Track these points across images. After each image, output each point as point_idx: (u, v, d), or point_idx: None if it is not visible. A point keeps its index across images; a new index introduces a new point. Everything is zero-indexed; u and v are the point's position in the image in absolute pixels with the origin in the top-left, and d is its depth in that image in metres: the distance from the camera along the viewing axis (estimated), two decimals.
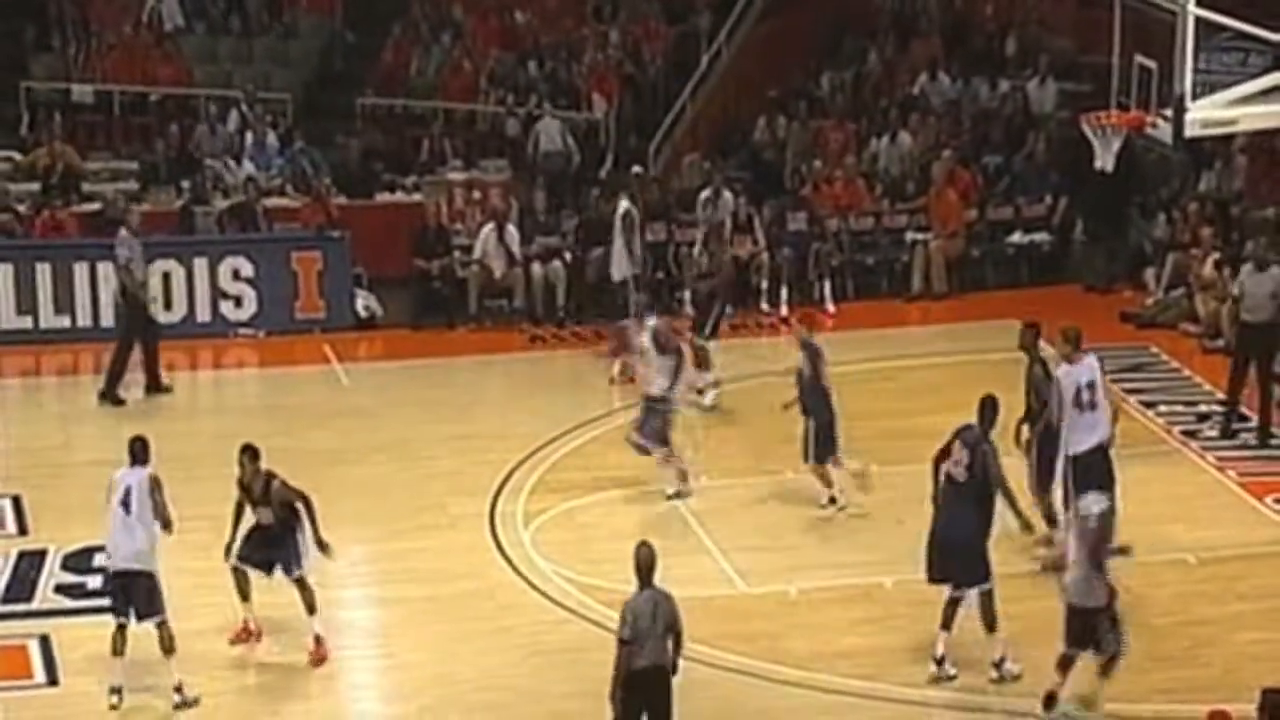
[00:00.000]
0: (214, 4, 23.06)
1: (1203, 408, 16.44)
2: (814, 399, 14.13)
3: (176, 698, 11.88)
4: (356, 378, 17.33)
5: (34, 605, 13.25)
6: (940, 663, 12.04)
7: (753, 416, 16.37)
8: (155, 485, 12.03)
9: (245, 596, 12.60)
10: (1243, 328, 16.02)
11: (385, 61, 22.66)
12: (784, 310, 19.10)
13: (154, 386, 17.06)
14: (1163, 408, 16.52)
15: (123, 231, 17.15)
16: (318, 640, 12.39)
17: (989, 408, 12.36)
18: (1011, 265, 20.29)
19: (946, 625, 12.06)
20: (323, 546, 12.35)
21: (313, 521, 12.35)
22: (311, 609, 12.39)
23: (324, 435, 15.98)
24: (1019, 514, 12.38)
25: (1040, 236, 20.37)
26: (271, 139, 20.95)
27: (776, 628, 12.79)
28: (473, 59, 22.38)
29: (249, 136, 20.94)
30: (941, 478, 12.22)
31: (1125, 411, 14.10)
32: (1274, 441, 15.67)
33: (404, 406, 16.06)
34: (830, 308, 18.34)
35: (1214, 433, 15.91)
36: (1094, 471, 12.78)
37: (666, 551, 13.66)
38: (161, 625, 11.97)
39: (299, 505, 12.37)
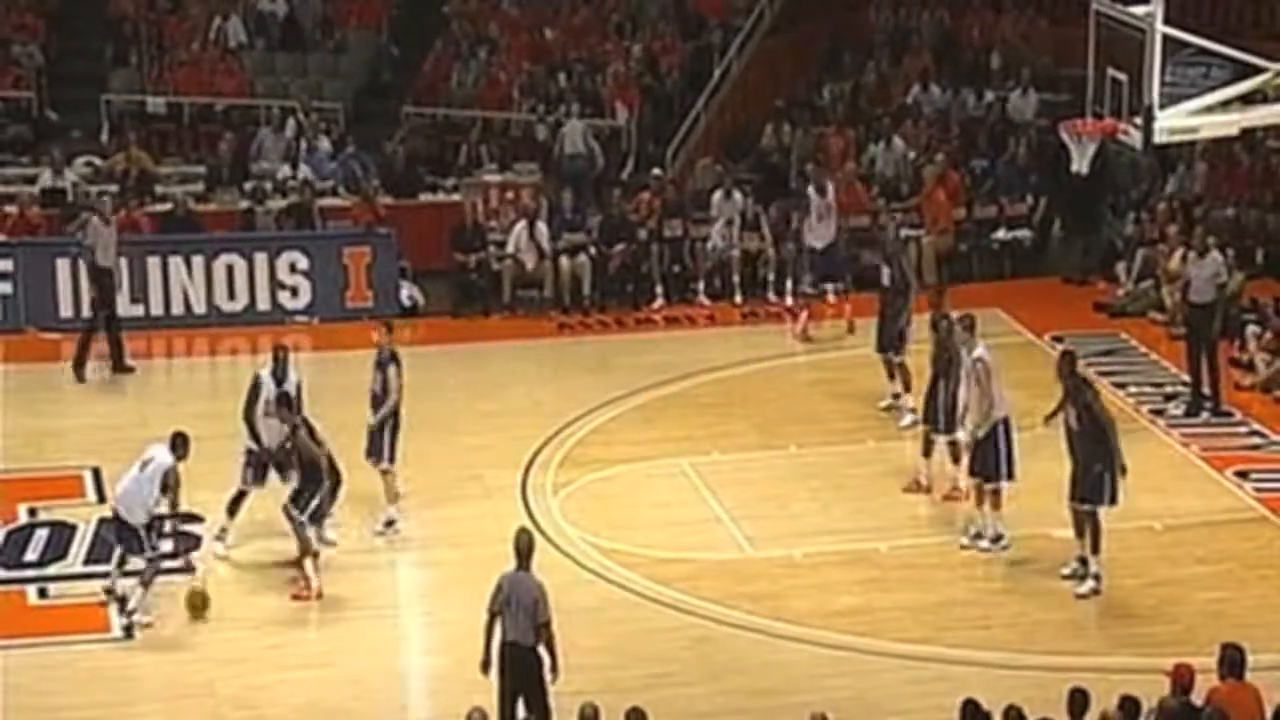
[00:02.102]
0: (273, 22, 23.04)
1: (1169, 389, 16.40)
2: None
3: (135, 619, 12.27)
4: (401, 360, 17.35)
5: (112, 566, 13.28)
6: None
7: (761, 397, 16.37)
8: (173, 477, 12.35)
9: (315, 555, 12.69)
10: (1190, 309, 16.03)
11: (427, 74, 22.62)
12: (789, 300, 19.07)
13: (120, 366, 16.91)
14: (1132, 389, 16.47)
15: (94, 219, 17.05)
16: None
17: (1067, 364, 12.75)
18: (996, 259, 20.20)
19: (1080, 534, 12.49)
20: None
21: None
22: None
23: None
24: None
25: (1022, 233, 20.27)
26: (325, 145, 20.92)
27: (781, 588, 12.80)
28: (507, 71, 22.33)
29: (304, 143, 20.91)
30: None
31: None
32: (1224, 410, 15.64)
33: (444, 387, 16.06)
34: (831, 299, 18.27)
35: (1179, 411, 15.87)
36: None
37: (682, 519, 13.87)
38: (149, 560, 12.35)
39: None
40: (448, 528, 13.86)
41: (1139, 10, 12.37)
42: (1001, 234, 20.27)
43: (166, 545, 12.85)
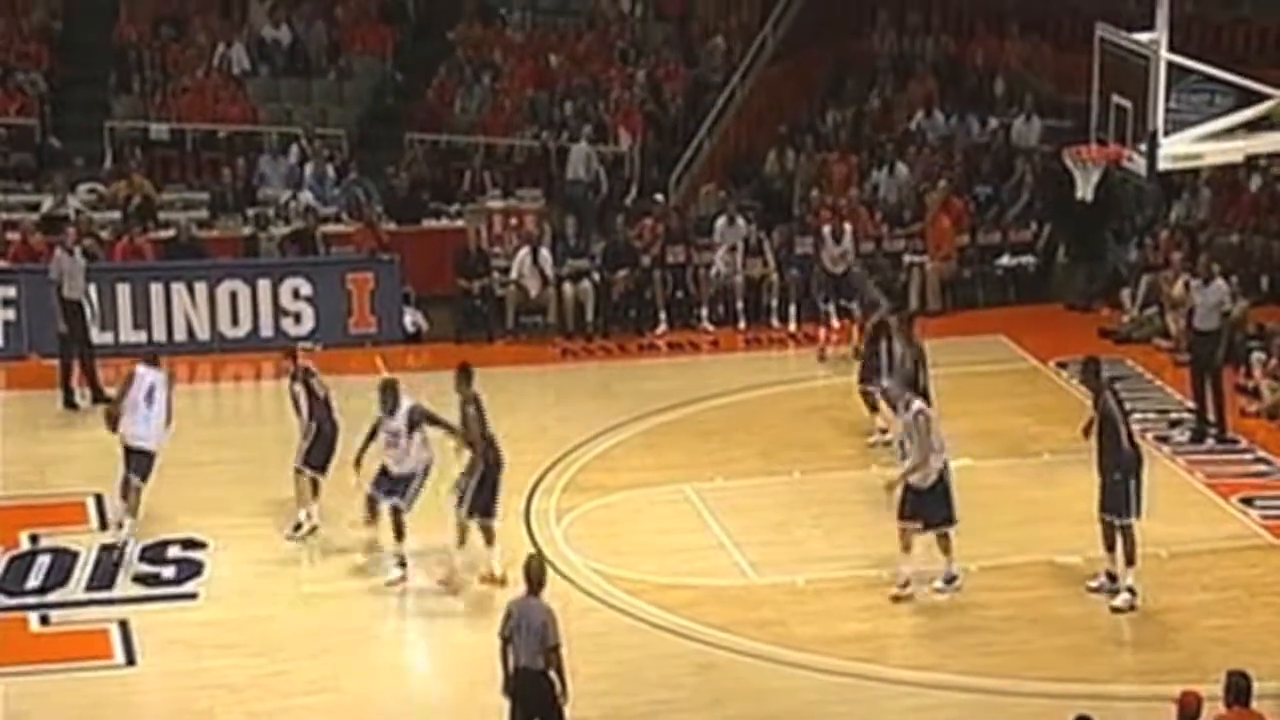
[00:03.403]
0: (277, 49, 23.17)
1: (1174, 416, 16.43)
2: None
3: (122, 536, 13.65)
4: (405, 386, 17.38)
5: (114, 593, 13.32)
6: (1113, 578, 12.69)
7: (764, 423, 16.41)
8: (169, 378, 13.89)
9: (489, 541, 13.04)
10: (1194, 335, 16.09)
11: (431, 100, 22.73)
12: (792, 326, 19.13)
13: (99, 396, 16.90)
14: (1137, 416, 16.42)
15: (58, 251, 17.11)
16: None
17: (1091, 368, 13.00)
18: (1000, 286, 20.26)
19: (1109, 546, 12.68)
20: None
21: None
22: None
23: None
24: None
25: (1026, 259, 20.33)
26: (329, 171, 21.00)
27: (785, 615, 12.82)
28: (511, 97, 22.44)
29: (308, 169, 21.00)
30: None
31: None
32: (1229, 437, 15.68)
33: (447, 412, 16.08)
34: (835, 323, 18.34)
35: (1184, 438, 15.91)
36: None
37: (685, 545, 13.88)
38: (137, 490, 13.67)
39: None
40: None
41: (1143, 37, 12.44)
42: (1005, 260, 20.34)
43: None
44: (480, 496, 13.09)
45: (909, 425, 12.85)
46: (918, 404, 12.95)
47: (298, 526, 14.05)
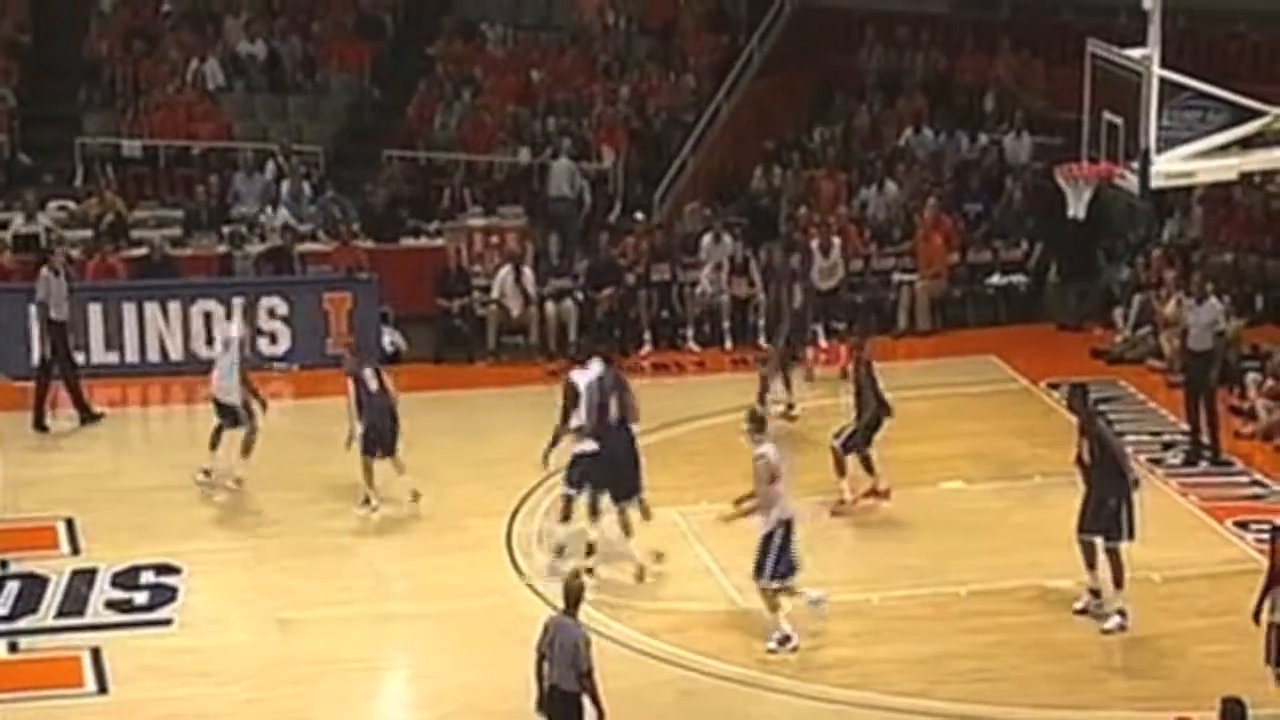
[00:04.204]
0: (252, 64, 23.20)
1: (1167, 437, 16.50)
2: None
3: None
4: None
5: (85, 620, 13.30)
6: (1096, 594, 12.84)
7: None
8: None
9: None
10: (1188, 356, 16.18)
11: (410, 116, 22.77)
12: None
13: (87, 416, 17.02)
14: (1130, 437, 16.51)
15: (44, 270, 17.13)
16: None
17: (1078, 394, 13.05)
18: (990, 305, 20.34)
19: (1090, 565, 12.79)
20: None
21: None
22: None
23: (354, 461, 16.02)
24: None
25: (1017, 278, 20.42)
26: (305, 188, 21.03)
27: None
28: (491, 114, 22.50)
29: (284, 186, 21.03)
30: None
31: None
32: (1223, 459, 15.76)
33: (428, 434, 16.11)
34: (823, 343, 18.39)
35: (1177, 461, 15.98)
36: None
37: (670, 569, 13.89)
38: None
39: None
40: (430, 579, 13.89)
41: (1135, 53, 12.52)
42: (996, 279, 20.43)
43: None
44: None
45: (754, 468, 12.55)
46: (763, 448, 12.60)
47: (366, 501, 14.83)
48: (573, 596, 10.46)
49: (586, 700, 10.26)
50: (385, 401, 14.88)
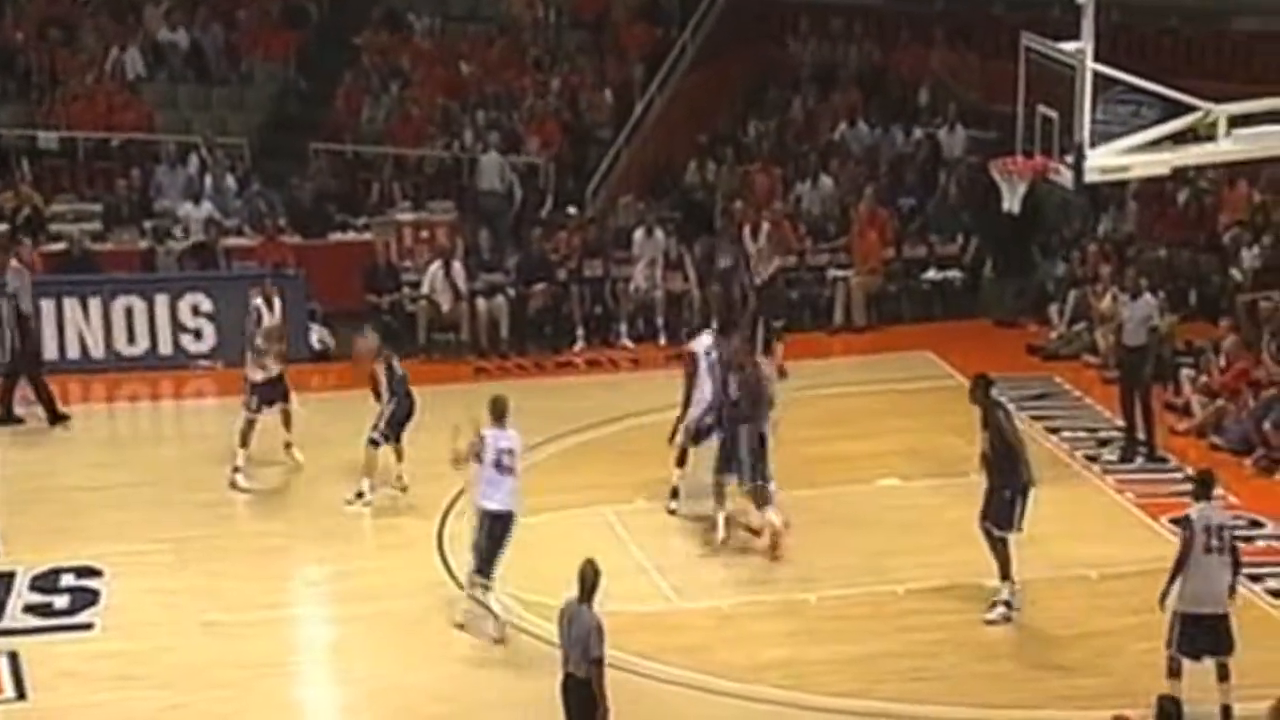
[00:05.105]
0: (174, 54, 23.02)
1: (1103, 434, 16.70)
2: None
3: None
4: (311, 407, 17.31)
5: (3, 624, 13.17)
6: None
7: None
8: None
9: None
10: (1122, 351, 16.39)
11: (337, 108, 22.67)
12: None
13: (54, 417, 16.92)
14: (1066, 434, 16.76)
15: (13, 262, 17.07)
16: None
17: (980, 385, 13.21)
18: (926, 300, 20.49)
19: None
20: None
21: None
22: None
23: (280, 461, 15.98)
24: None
25: (952, 274, 20.59)
26: (229, 182, 20.91)
27: (709, 640, 12.91)
28: (420, 106, 22.45)
29: (208, 179, 20.90)
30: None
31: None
32: (1159, 455, 15.97)
33: (357, 434, 16.04)
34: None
35: (1113, 457, 16.18)
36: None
37: (605, 570, 13.83)
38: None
39: None
40: (360, 580, 13.86)
41: (1069, 47, 12.65)
42: (932, 274, 20.59)
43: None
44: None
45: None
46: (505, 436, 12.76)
47: (360, 495, 14.96)
48: (587, 583, 10.53)
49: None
50: (408, 385, 15.21)
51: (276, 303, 15.93)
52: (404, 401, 15.21)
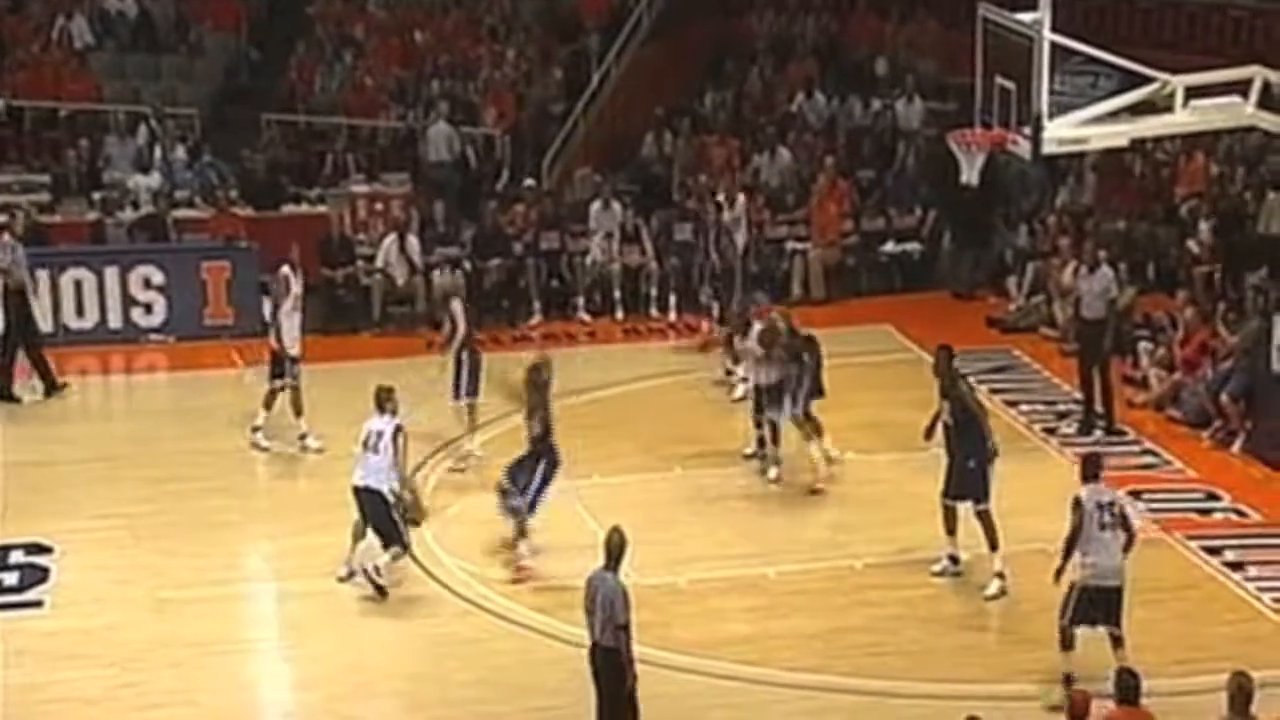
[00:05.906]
0: (123, 22, 22.76)
1: (1061, 407, 16.76)
2: None
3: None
4: (264, 381, 17.23)
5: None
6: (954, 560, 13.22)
7: (644, 417, 16.47)
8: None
9: None
10: (1080, 324, 16.44)
11: (289, 79, 22.48)
12: (672, 316, 19.23)
13: (51, 387, 16.83)
14: (1024, 407, 16.81)
15: (5, 236, 16.96)
16: None
17: (943, 356, 13.30)
18: (884, 273, 20.51)
19: (950, 530, 13.19)
20: None
21: None
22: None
23: (234, 436, 15.87)
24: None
25: (911, 246, 20.62)
26: (180, 153, 20.71)
27: (667, 616, 12.87)
28: (374, 76, 22.28)
29: (157, 150, 20.69)
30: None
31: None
32: (1117, 428, 16.03)
33: (310, 408, 15.96)
34: (715, 314, 18.41)
35: (1071, 430, 16.23)
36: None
37: (563, 545, 13.89)
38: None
39: None
40: (315, 556, 13.76)
41: (1026, 17, 12.64)
42: (890, 247, 20.60)
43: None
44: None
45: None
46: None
47: (466, 455, 15.21)
48: (614, 551, 10.54)
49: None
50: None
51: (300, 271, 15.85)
52: (475, 357, 15.46)
